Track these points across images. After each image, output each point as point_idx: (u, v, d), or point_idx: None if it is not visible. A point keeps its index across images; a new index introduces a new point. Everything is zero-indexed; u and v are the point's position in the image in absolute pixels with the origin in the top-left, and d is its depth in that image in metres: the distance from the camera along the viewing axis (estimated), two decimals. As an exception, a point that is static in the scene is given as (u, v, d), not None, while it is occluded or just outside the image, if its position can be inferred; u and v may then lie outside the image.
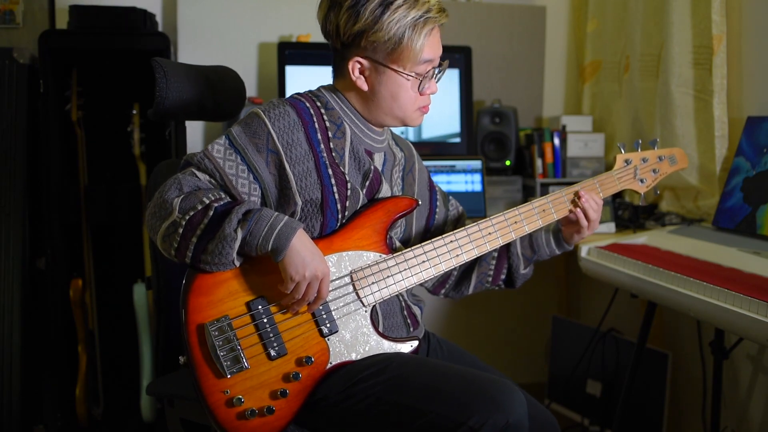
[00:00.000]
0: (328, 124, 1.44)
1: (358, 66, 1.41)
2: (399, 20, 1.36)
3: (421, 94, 1.45)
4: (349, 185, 1.42)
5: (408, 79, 1.41)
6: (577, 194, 1.56)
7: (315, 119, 1.42)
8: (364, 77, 1.42)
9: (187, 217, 1.29)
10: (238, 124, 1.40)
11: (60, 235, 2.40)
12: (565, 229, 1.63)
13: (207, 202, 1.31)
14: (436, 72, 1.45)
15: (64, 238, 2.44)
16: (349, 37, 1.39)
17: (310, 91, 1.49)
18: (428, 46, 1.40)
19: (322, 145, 1.41)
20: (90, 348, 2.48)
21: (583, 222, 1.57)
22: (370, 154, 1.49)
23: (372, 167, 1.48)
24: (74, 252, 2.51)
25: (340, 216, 1.43)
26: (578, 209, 1.56)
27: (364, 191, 1.46)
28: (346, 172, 1.43)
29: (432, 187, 1.70)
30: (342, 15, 1.38)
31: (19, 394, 2.29)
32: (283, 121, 1.38)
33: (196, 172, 1.36)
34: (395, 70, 1.40)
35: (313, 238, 1.37)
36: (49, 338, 2.40)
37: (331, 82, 1.51)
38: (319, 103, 1.45)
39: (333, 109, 1.46)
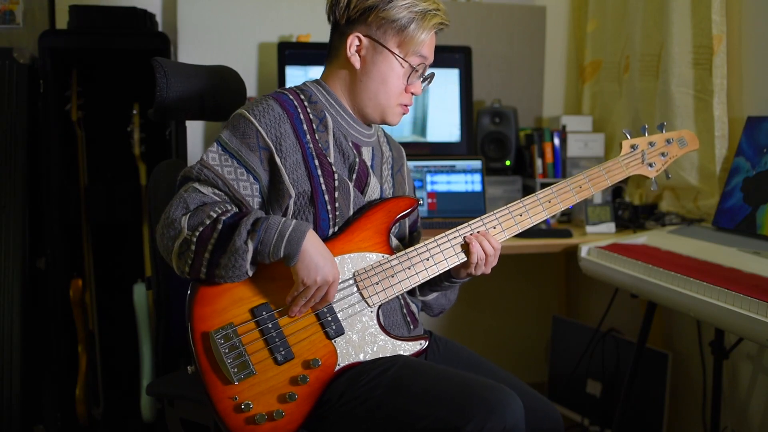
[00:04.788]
0: (312, 116, 1.45)
1: (356, 42, 1.44)
2: (410, 6, 1.42)
3: (406, 89, 1.47)
4: (336, 176, 1.43)
5: (402, 66, 1.45)
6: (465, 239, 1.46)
7: (299, 110, 1.44)
8: (360, 56, 1.45)
9: (197, 233, 1.29)
10: (226, 128, 1.41)
11: (60, 235, 2.39)
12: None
13: (214, 216, 1.31)
14: (425, 73, 1.49)
15: (64, 238, 2.43)
16: (358, 11, 1.42)
17: (295, 86, 1.51)
18: (428, 43, 1.46)
19: (308, 137, 1.42)
20: (90, 348, 2.48)
21: (473, 259, 1.46)
22: (357, 147, 1.50)
23: (358, 160, 1.48)
24: (74, 252, 2.51)
25: (330, 208, 1.42)
26: (474, 245, 1.45)
27: (353, 183, 1.46)
28: (333, 162, 1.44)
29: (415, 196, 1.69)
30: None
31: (19, 394, 2.29)
32: (268, 115, 1.39)
33: (199, 187, 1.35)
34: (393, 52, 1.44)
35: None
36: (49, 338, 2.40)
37: (322, 72, 1.52)
38: (303, 96, 1.47)
39: (317, 102, 1.47)
